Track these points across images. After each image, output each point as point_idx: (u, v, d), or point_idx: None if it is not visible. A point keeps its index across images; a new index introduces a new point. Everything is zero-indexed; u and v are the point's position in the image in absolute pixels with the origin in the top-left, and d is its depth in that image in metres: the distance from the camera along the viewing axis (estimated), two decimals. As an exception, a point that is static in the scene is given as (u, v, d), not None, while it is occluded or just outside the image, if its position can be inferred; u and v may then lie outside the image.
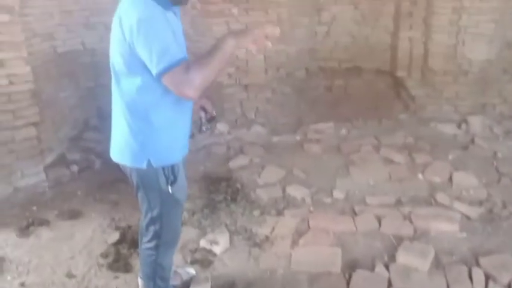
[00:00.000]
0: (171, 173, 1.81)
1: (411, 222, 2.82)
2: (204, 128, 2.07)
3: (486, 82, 4.51)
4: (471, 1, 4.25)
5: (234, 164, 3.74)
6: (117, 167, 1.87)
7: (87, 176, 3.64)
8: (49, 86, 3.83)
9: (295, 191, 3.27)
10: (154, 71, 1.55)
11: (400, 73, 4.96)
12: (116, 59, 1.68)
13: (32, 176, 3.42)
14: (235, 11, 4.44)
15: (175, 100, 1.71)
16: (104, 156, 3.64)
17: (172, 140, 1.81)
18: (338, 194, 3.23)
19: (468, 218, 2.89)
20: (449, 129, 4.32)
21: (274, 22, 4.68)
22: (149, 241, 1.96)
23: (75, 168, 3.68)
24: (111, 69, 1.74)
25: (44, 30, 3.79)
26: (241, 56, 4.65)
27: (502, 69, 4.56)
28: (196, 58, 1.58)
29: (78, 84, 4.30)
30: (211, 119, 2.06)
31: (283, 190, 3.30)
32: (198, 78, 1.52)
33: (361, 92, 5.20)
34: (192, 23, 4.54)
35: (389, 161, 3.68)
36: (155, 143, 1.76)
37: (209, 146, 4.10)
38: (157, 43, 1.52)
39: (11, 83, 3.20)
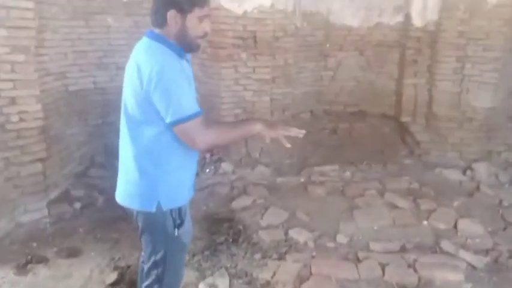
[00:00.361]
0: (178, 216, 1.80)
1: (415, 270, 2.76)
2: (207, 169, 2.09)
3: (491, 129, 4.53)
4: (474, 51, 4.36)
5: (237, 204, 3.73)
6: (119, 205, 1.88)
7: (89, 213, 3.63)
8: (58, 123, 3.90)
9: (298, 235, 3.22)
10: (168, 120, 1.61)
11: (405, 118, 5.01)
12: (130, 105, 1.70)
13: (35, 212, 3.42)
14: (243, 55, 4.57)
15: (186, 145, 1.72)
16: (107, 193, 3.67)
17: (181, 181, 1.82)
18: (341, 239, 3.18)
19: (473, 267, 2.82)
20: (454, 175, 4.31)
21: (281, 67, 4.82)
22: (150, 285, 1.91)
23: (77, 205, 3.68)
24: (123, 112, 1.75)
25: (58, 70, 3.91)
26: (248, 98, 4.74)
27: (506, 116, 4.61)
28: (223, 122, 1.68)
29: (86, 121, 4.38)
30: (217, 160, 2.08)
31: (286, 233, 3.27)
32: (212, 138, 1.66)
33: (365, 136, 5.24)
34: (201, 65, 4.67)
35: (393, 206, 3.65)
36: (165, 186, 1.76)
37: (213, 186, 4.09)
38: (175, 94, 1.59)
39: (21, 119, 3.26)
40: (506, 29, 4.26)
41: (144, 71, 1.60)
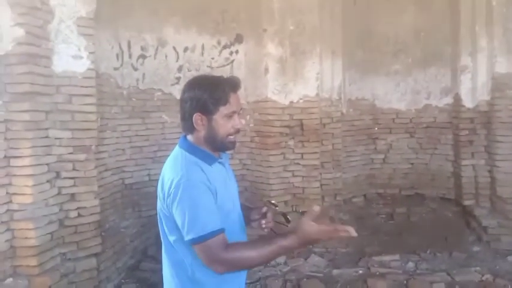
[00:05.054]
0: None
1: None
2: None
3: None
4: (534, 129, 4.16)
5: (291, 301, 3.50)
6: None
7: (139, 309, 3.54)
8: (113, 216, 4.01)
9: (360, 338, 2.92)
10: (185, 238, 1.50)
11: (467, 201, 4.71)
12: (160, 217, 1.65)
13: (87, 309, 3.39)
14: (291, 143, 4.62)
15: None
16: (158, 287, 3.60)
17: None
18: None
19: None
20: (531, 264, 3.87)
21: (329, 152, 4.80)
22: None
23: (129, 301, 3.61)
24: (159, 222, 1.69)
25: (115, 165, 4.12)
26: (298, 184, 4.70)
27: None
28: (245, 242, 1.54)
29: (140, 213, 4.48)
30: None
31: (347, 336, 2.98)
32: (233, 263, 1.47)
33: (426, 221, 4.96)
34: (250, 153, 4.77)
35: (467, 304, 3.27)
36: None
37: (264, 279, 3.91)
38: (191, 211, 1.48)
39: (79, 215, 3.38)
40: None
41: (166, 181, 1.55)
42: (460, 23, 4.71)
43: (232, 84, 1.61)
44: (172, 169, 1.56)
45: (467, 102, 4.69)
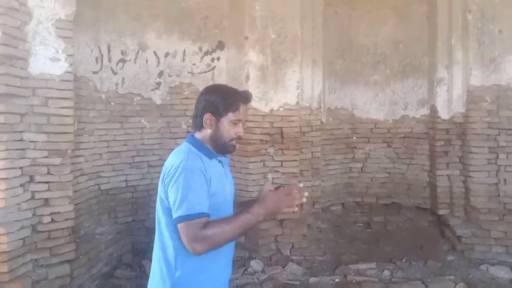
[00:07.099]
0: None
1: None
2: None
3: (537, 222, 4.24)
4: (507, 141, 4.27)
5: (268, 309, 3.49)
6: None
7: (113, 318, 3.47)
8: (88, 222, 3.93)
9: None
10: (174, 216, 1.63)
11: (442, 211, 4.79)
12: (158, 204, 1.76)
13: (59, 317, 3.30)
14: (271, 150, 4.63)
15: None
16: (133, 296, 3.54)
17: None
18: None
19: None
20: (503, 273, 3.97)
21: (309, 160, 4.84)
22: None
23: (102, 309, 3.53)
24: (156, 213, 1.79)
25: (92, 170, 4.05)
26: (277, 191, 4.70)
27: (551, 208, 4.32)
28: (220, 218, 1.63)
29: (116, 219, 4.41)
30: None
31: None
32: (211, 239, 1.57)
33: (402, 230, 5.03)
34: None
35: (440, 311, 3.32)
36: None
37: (241, 287, 3.89)
38: (183, 191, 1.62)
39: (53, 220, 3.30)
40: (539, 120, 4.20)
41: (167, 166, 1.71)
42: (436, 36, 4.83)
43: (245, 96, 1.81)
44: (175, 156, 1.74)
45: (443, 114, 4.79)
